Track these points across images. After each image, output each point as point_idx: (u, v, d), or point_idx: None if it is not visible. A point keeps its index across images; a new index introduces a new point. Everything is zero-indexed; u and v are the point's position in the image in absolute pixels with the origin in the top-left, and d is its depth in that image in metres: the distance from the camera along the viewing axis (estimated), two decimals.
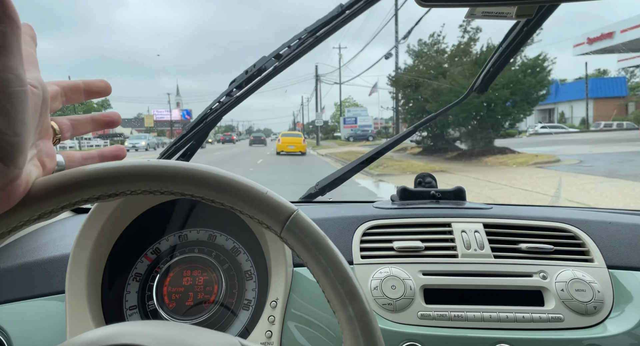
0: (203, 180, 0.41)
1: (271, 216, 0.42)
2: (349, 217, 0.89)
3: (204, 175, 0.41)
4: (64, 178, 0.39)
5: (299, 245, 0.42)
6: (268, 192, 0.43)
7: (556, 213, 0.92)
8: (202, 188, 0.41)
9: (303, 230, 0.42)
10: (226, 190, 0.41)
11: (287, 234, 0.42)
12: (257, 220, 0.43)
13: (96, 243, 0.74)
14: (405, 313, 0.73)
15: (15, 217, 0.39)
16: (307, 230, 0.42)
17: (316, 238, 0.42)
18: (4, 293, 0.77)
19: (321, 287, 0.43)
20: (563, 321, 0.72)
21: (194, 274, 0.82)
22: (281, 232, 0.42)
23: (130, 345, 0.36)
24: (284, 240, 0.43)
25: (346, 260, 0.43)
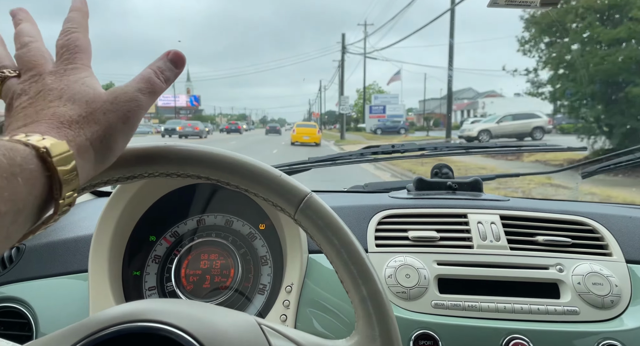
0: (218, 163, 0.42)
1: (285, 198, 0.43)
2: (364, 206, 0.90)
3: (220, 158, 0.42)
4: None
5: (312, 227, 0.43)
6: (282, 175, 0.44)
7: (575, 207, 0.91)
8: (218, 171, 0.42)
9: (317, 212, 0.43)
10: (241, 173, 0.42)
11: (300, 216, 0.43)
12: (271, 203, 0.44)
13: (118, 224, 0.76)
14: (418, 301, 0.74)
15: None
16: (321, 212, 0.43)
17: (329, 220, 0.43)
18: (29, 271, 0.79)
19: (334, 268, 0.44)
20: (579, 314, 0.71)
21: (211, 258, 0.84)
22: (295, 214, 0.43)
23: (154, 320, 0.37)
24: (297, 222, 0.44)
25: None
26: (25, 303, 0.75)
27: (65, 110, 0.35)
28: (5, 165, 0.28)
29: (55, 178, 0.31)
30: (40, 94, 0.36)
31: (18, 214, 0.29)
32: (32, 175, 0.29)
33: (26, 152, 0.29)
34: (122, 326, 0.36)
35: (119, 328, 0.36)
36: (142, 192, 0.80)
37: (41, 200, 0.31)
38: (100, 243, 0.74)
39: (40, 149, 0.30)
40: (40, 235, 0.86)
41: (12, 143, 0.29)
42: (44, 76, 0.38)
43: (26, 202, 0.29)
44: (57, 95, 0.36)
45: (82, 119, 0.35)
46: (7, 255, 0.82)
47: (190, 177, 0.43)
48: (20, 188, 0.28)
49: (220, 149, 0.43)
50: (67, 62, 0.39)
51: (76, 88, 0.37)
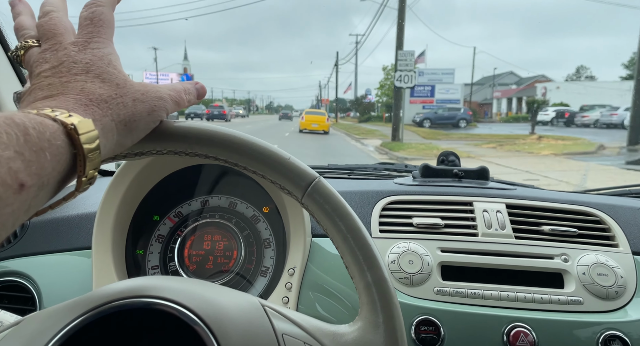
0: (228, 143, 0.41)
1: (293, 182, 0.42)
2: (369, 191, 0.89)
3: (229, 138, 0.41)
4: None
5: (319, 211, 0.42)
6: (290, 158, 0.43)
7: (582, 198, 0.90)
8: (226, 151, 0.41)
9: (324, 197, 0.42)
10: (250, 154, 0.42)
11: (308, 200, 0.42)
12: (278, 185, 0.43)
13: (121, 203, 0.76)
14: (421, 288, 0.74)
15: None
16: (328, 196, 0.42)
17: (337, 204, 0.42)
18: (34, 246, 0.80)
19: (340, 253, 0.43)
20: (582, 304, 0.71)
21: (214, 239, 0.84)
22: (302, 197, 0.42)
23: (157, 297, 0.37)
24: (304, 206, 0.43)
25: None
26: (29, 277, 0.76)
27: (94, 88, 0.35)
28: (35, 138, 0.28)
29: (81, 155, 0.31)
30: (63, 65, 0.36)
31: (41, 189, 0.29)
32: (58, 151, 0.30)
33: (54, 128, 0.30)
34: (125, 301, 0.36)
35: (123, 302, 0.36)
36: (146, 171, 0.80)
37: (64, 176, 0.31)
38: (104, 220, 0.74)
39: (68, 126, 0.30)
40: None
41: (41, 118, 0.29)
42: (64, 45, 0.38)
43: (50, 177, 0.29)
44: (83, 68, 0.36)
45: (112, 100, 0.35)
46: None
47: (199, 156, 0.42)
48: (47, 163, 0.29)
49: (230, 129, 0.42)
50: (90, 35, 0.39)
51: (103, 68, 0.37)
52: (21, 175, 0.27)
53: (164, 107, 0.39)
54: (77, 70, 0.36)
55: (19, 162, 0.26)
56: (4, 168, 0.25)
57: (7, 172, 0.26)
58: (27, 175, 0.27)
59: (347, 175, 1.19)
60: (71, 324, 0.35)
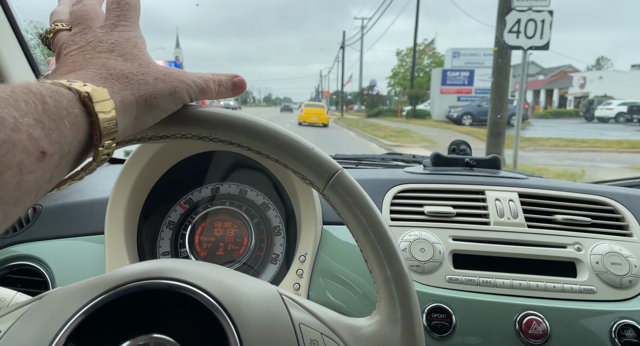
0: (252, 131, 0.41)
1: (316, 172, 0.42)
2: (380, 180, 0.89)
3: (253, 126, 0.41)
4: None
5: (341, 203, 0.42)
6: (314, 148, 0.43)
7: (595, 188, 0.89)
8: (250, 138, 0.41)
9: (346, 189, 0.42)
10: (273, 142, 0.41)
11: (330, 191, 0.42)
12: (300, 175, 0.43)
13: (133, 188, 0.76)
14: (432, 275, 0.73)
15: None
16: (351, 189, 0.42)
17: (359, 197, 0.42)
18: (46, 231, 0.80)
19: (359, 246, 0.43)
20: (595, 293, 0.71)
21: (225, 226, 0.84)
22: (324, 189, 0.42)
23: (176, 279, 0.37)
24: (326, 197, 0.43)
25: None
26: (42, 261, 0.76)
27: (116, 64, 0.36)
28: (53, 107, 0.28)
29: (97, 124, 0.31)
30: (90, 44, 0.37)
31: (62, 158, 0.29)
32: (77, 119, 0.30)
33: (70, 96, 0.30)
34: (148, 281, 0.36)
35: (146, 283, 0.36)
36: (158, 158, 0.80)
37: (84, 145, 0.31)
38: (116, 206, 0.74)
39: (82, 94, 0.30)
40: (54, 196, 0.87)
41: (57, 87, 0.30)
42: (93, 29, 0.39)
43: (71, 146, 0.30)
44: (108, 48, 0.37)
45: (133, 76, 0.36)
46: (24, 214, 0.83)
47: (222, 142, 0.42)
48: (67, 132, 0.29)
49: (254, 116, 0.42)
50: (118, 18, 0.40)
51: (128, 49, 0.38)
52: (42, 142, 0.27)
53: (186, 90, 0.39)
54: (102, 48, 0.37)
55: (39, 130, 0.27)
56: (24, 134, 0.26)
57: (27, 139, 0.26)
58: (48, 142, 0.27)
59: (355, 165, 1.18)
60: (94, 301, 0.35)
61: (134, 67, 0.37)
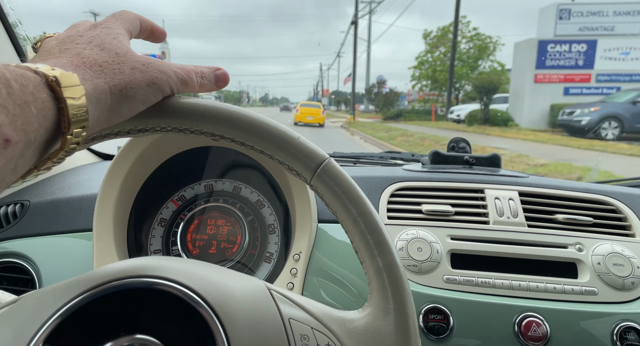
0: (234, 121, 0.39)
1: (302, 162, 0.40)
2: (377, 177, 0.87)
3: (236, 116, 0.39)
4: None
5: (329, 193, 0.40)
6: (300, 137, 0.41)
7: (597, 187, 0.87)
8: (233, 129, 0.39)
9: (334, 178, 0.40)
10: (257, 132, 0.39)
11: (317, 182, 0.40)
12: (287, 166, 0.41)
13: (123, 185, 0.74)
14: (430, 275, 0.72)
15: None
16: (339, 178, 0.40)
17: (347, 187, 0.40)
18: (33, 227, 0.78)
19: (350, 237, 0.41)
20: (597, 294, 0.69)
21: (218, 223, 0.82)
22: (311, 179, 0.41)
23: (160, 276, 0.35)
24: (313, 188, 0.41)
25: None
26: (28, 259, 0.74)
27: (91, 53, 0.34)
28: (18, 91, 0.27)
29: (65, 110, 0.29)
30: (69, 38, 0.36)
31: (28, 146, 0.28)
32: (44, 105, 0.28)
33: (37, 80, 0.28)
34: (127, 280, 0.34)
35: (124, 282, 0.34)
36: (149, 153, 0.78)
37: (51, 134, 0.30)
38: (105, 202, 0.72)
39: (50, 78, 0.29)
40: (44, 192, 0.85)
41: (22, 70, 0.28)
42: (77, 27, 0.38)
43: (37, 133, 0.28)
44: (86, 40, 0.36)
45: (107, 65, 0.34)
46: (12, 210, 0.81)
47: (204, 134, 0.40)
48: (33, 118, 0.27)
49: (237, 107, 0.40)
50: (106, 21, 0.40)
51: (107, 39, 0.37)
52: (5, 129, 0.25)
53: (166, 81, 0.38)
54: (80, 40, 0.36)
55: (2, 116, 0.25)
56: None
57: None
58: (12, 129, 0.25)
59: (353, 163, 1.17)
60: (71, 302, 0.33)
61: (109, 57, 0.35)
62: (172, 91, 0.39)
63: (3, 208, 0.81)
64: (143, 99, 0.36)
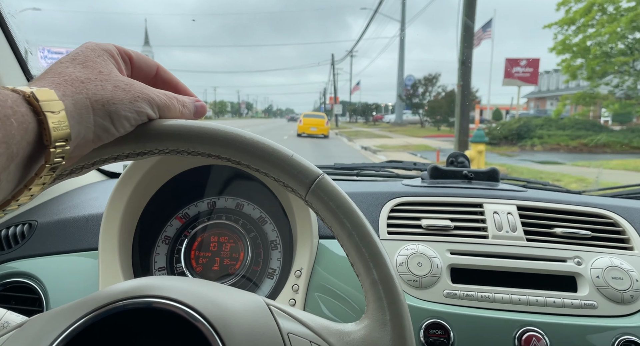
0: (230, 142, 0.41)
1: (297, 179, 0.41)
2: (376, 193, 0.88)
3: (231, 137, 0.41)
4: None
5: (323, 208, 0.42)
6: (294, 155, 0.42)
7: (595, 200, 0.88)
8: (229, 149, 0.41)
9: (328, 194, 0.41)
10: (252, 152, 0.41)
11: (312, 197, 0.42)
12: (282, 184, 0.42)
13: (128, 203, 0.76)
14: (430, 290, 0.72)
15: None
16: (332, 193, 0.41)
17: (341, 201, 0.41)
18: (41, 247, 0.80)
19: (345, 251, 0.42)
20: (596, 308, 0.69)
21: (221, 240, 0.83)
22: (306, 195, 0.42)
23: (160, 296, 0.36)
24: (308, 204, 0.43)
25: None
26: (36, 278, 0.75)
27: (73, 71, 0.35)
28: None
29: (45, 122, 0.30)
30: (57, 61, 0.37)
31: (10, 160, 0.28)
32: (24, 118, 0.29)
33: (15, 97, 0.30)
34: (128, 301, 0.35)
35: (126, 302, 0.35)
36: (153, 173, 0.79)
37: (33, 148, 0.30)
38: (110, 221, 0.74)
39: (26, 94, 0.30)
40: (51, 212, 0.87)
41: (0, 90, 0.30)
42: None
43: (19, 146, 0.29)
44: (70, 58, 0.37)
45: (89, 81, 0.35)
46: (20, 231, 0.83)
47: (201, 155, 0.42)
48: (14, 131, 0.28)
49: (233, 127, 0.42)
50: (92, 43, 0.40)
51: (91, 57, 0.37)
52: None
53: (147, 102, 0.38)
54: (64, 59, 0.36)
55: None
56: None
57: None
58: None
59: (355, 175, 1.18)
60: (74, 325, 0.34)
61: (92, 74, 0.35)
62: (154, 113, 0.39)
63: (12, 228, 0.83)
64: (127, 116, 0.37)
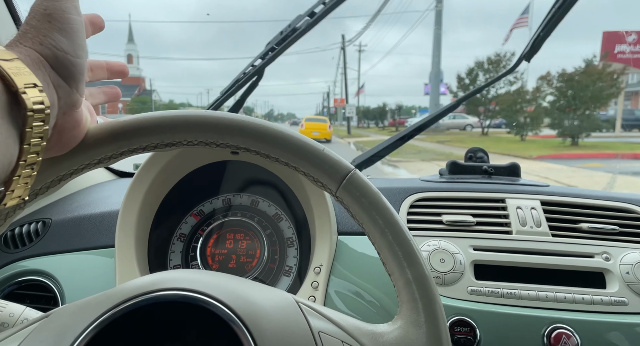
0: (260, 134, 0.40)
1: (328, 174, 0.40)
2: (396, 189, 0.86)
3: (261, 129, 0.40)
4: (123, 124, 0.39)
5: (355, 204, 0.40)
6: (325, 149, 0.41)
7: (621, 195, 0.86)
8: (258, 142, 0.40)
9: (360, 189, 0.40)
10: (283, 145, 0.40)
11: (343, 193, 0.40)
12: (312, 178, 0.41)
13: (144, 201, 0.75)
14: (454, 287, 0.70)
15: (77, 159, 0.39)
16: (365, 189, 0.40)
17: (374, 198, 0.40)
18: (56, 245, 0.79)
19: (377, 249, 0.41)
20: (627, 305, 0.67)
21: (237, 238, 0.82)
22: (337, 190, 0.40)
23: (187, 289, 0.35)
24: (339, 200, 0.41)
25: None
26: (51, 276, 0.74)
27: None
28: None
29: (1, 69, 0.29)
30: None
31: None
32: None
33: None
34: (162, 293, 0.34)
35: (159, 294, 0.34)
36: (168, 170, 0.78)
37: (5, 100, 0.29)
38: (126, 218, 0.73)
39: None
40: (65, 210, 0.86)
41: None
42: None
43: None
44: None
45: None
46: (34, 228, 0.82)
47: (230, 147, 0.41)
48: None
49: (261, 120, 0.40)
50: None
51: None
52: None
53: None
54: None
55: None
56: None
57: None
58: None
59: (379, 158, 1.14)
60: (104, 315, 0.33)
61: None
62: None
63: (25, 226, 0.82)
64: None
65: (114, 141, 0.38)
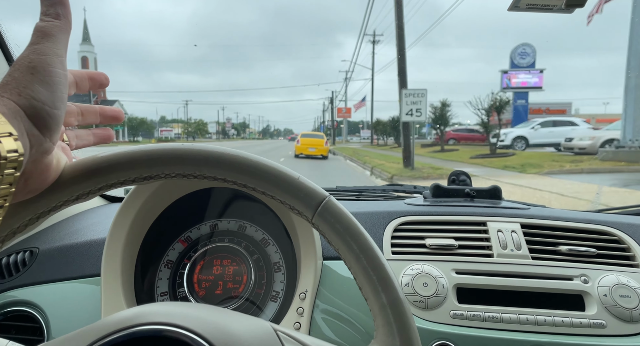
0: (236, 165, 0.41)
1: (303, 201, 0.41)
2: (379, 212, 0.88)
3: (237, 160, 0.41)
4: (98, 161, 0.40)
5: (330, 231, 0.42)
6: (300, 177, 0.42)
7: (598, 217, 0.88)
8: (235, 172, 0.41)
9: (335, 216, 0.41)
10: (259, 174, 0.41)
11: (318, 220, 0.42)
12: (288, 206, 0.42)
13: (131, 228, 0.75)
14: (437, 311, 0.71)
15: (54, 197, 0.40)
16: (339, 216, 0.41)
17: (348, 224, 0.41)
18: (42, 274, 0.79)
19: (353, 274, 0.42)
20: (605, 327, 0.68)
21: (224, 263, 0.82)
22: (313, 217, 0.42)
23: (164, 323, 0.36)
24: (315, 226, 0.43)
25: None
26: (37, 307, 0.74)
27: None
28: None
29: None
30: None
31: None
32: None
33: None
34: (135, 329, 0.35)
35: (132, 331, 0.35)
36: (155, 197, 0.79)
37: None
38: (113, 247, 0.73)
39: None
40: (53, 238, 0.86)
41: None
42: None
43: None
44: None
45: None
46: (21, 258, 0.82)
47: (207, 179, 0.42)
48: None
49: (239, 151, 0.42)
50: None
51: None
52: None
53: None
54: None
55: None
56: None
57: None
58: None
59: (356, 197, 1.18)
60: None
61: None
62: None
63: (12, 256, 0.82)
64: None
65: (90, 178, 0.40)
